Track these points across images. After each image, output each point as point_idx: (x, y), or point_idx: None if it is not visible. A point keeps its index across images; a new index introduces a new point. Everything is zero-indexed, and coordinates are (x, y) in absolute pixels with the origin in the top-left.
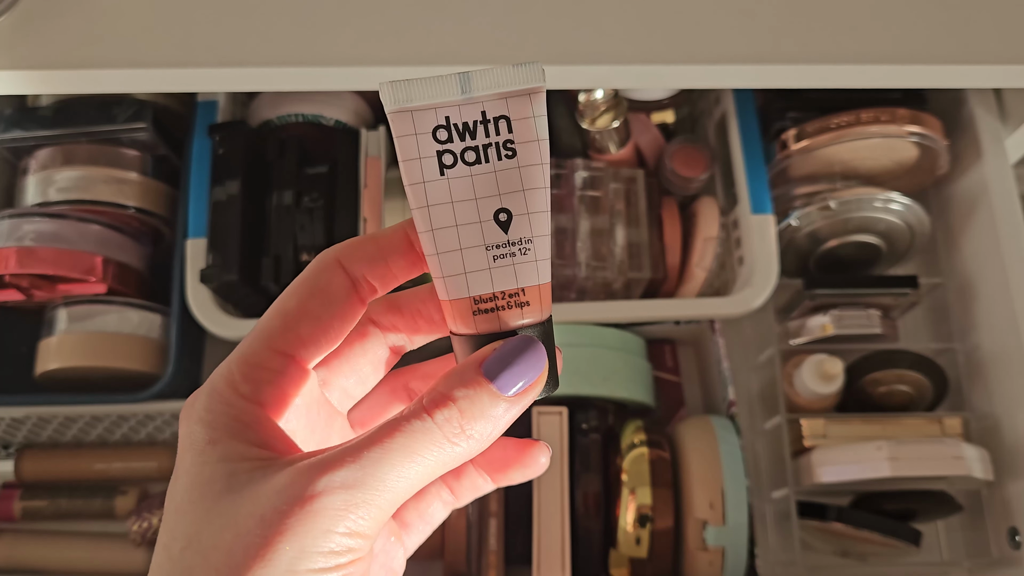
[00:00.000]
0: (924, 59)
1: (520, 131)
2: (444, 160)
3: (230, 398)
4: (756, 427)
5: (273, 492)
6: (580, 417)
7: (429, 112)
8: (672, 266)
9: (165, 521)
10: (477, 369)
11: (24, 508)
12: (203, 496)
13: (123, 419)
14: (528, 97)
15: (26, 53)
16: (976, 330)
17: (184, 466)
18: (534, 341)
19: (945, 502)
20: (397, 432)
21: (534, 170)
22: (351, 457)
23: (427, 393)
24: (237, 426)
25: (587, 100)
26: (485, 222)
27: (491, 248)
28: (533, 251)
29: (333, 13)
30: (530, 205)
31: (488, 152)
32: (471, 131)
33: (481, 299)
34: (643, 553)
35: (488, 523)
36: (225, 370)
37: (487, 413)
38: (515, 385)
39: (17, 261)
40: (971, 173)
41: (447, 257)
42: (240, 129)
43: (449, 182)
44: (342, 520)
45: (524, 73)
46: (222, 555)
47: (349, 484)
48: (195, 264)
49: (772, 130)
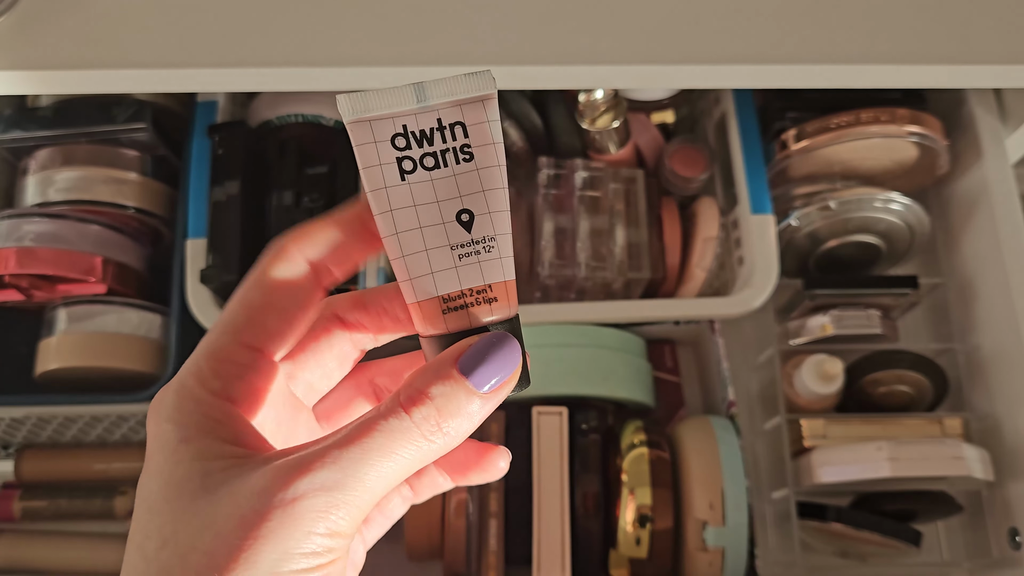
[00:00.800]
0: (924, 59)
1: (476, 135)
2: (404, 166)
3: (200, 395)
4: (756, 427)
5: (252, 493)
6: (580, 417)
7: (387, 121)
8: (672, 266)
9: (137, 520)
10: (453, 365)
11: (24, 508)
12: (178, 495)
13: (123, 419)
14: (481, 103)
15: (26, 53)
16: (976, 330)
17: (156, 465)
18: (508, 336)
19: (945, 502)
20: (374, 431)
21: (492, 171)
22: (330, 458)
23: (402, 390)
24: (209, 423)
25: (587, 100)
26: (448, 223)
27: (456, 247)
28: (497, 248)
29: (333, 13)
30: (491, 204)
31: (446, 157)
32: (428, 138)
33: (450, 297)
34: (643, 553)
35: (488, 523)
36: (193, 366)
37: (463, 410)
38: (490, 381)
39: (17, 261)
40: (971, 173)
41: (413, 259)
42: (240, 129)
43: (410, 187)
44: (322, 521)
45: (476, 81)
46: (202, 557)
47: (329, 486)
48: (195, 264)
49: (772, 130)
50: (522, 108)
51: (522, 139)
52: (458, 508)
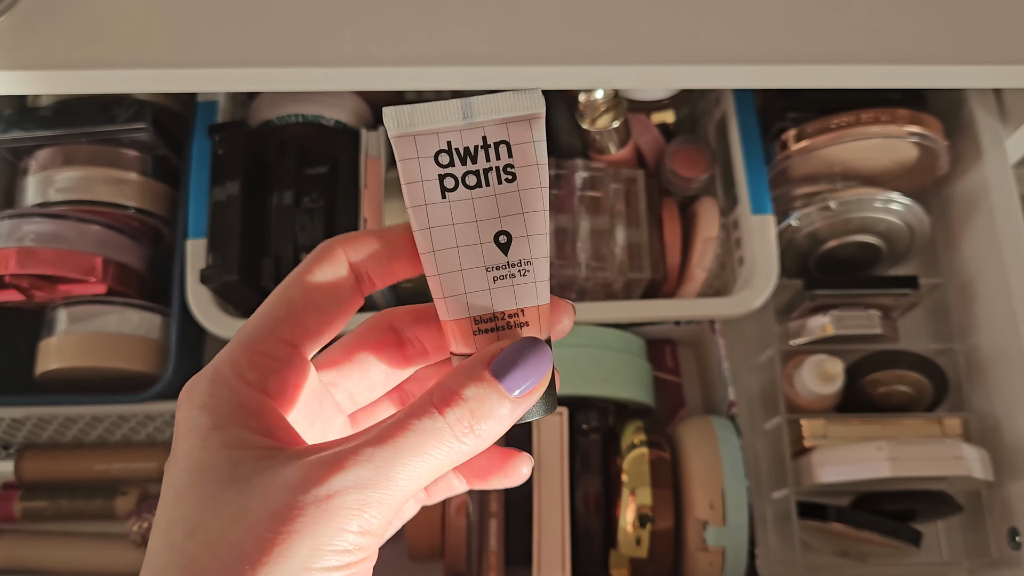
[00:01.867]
0: (924, 59)
1: (520, 156)
2: (446, 183)
3: (235, 384)
4: (756, 427)
5: (284, 487)
6: (580, 417)
7: (431, 136)
8: (672, 266)
9: (163, 506)
10: (486, 367)
11: (24, 509)
12: (206, 482)
13: (123, 419)
14: (528, 123)
15: (26, 53)
16: (976, 330)
17: (184, 450)
18: (539, 342)
19: (945, 502)
20: (408, 430)
21: (533, 193)
22: (364, 456)
23: (435, 390)
24: (241, 413)
25: (587, 100)
26: (485, 244)
27: (491, 269)
28: (532, 273)
29: (333, 13)
30: (529, 228)
31: (489, 176)
32: (472, 155)
33: (481, 319)
34: (643, 553)
35: (488, 523)
36: (229, 356)
37: (495, 412)
38: (522, 385)
39: (17, 261)
40: (971, 173)
41: (448, 278)
42: (240, 129)
43: (450, 205)
44: (355, 519)
45: (524, 99)
46: (231, 548)
47: (363, 484)
48: (195, 264)
49: (772, 130)
50: None
51: None
52: (459, 508)
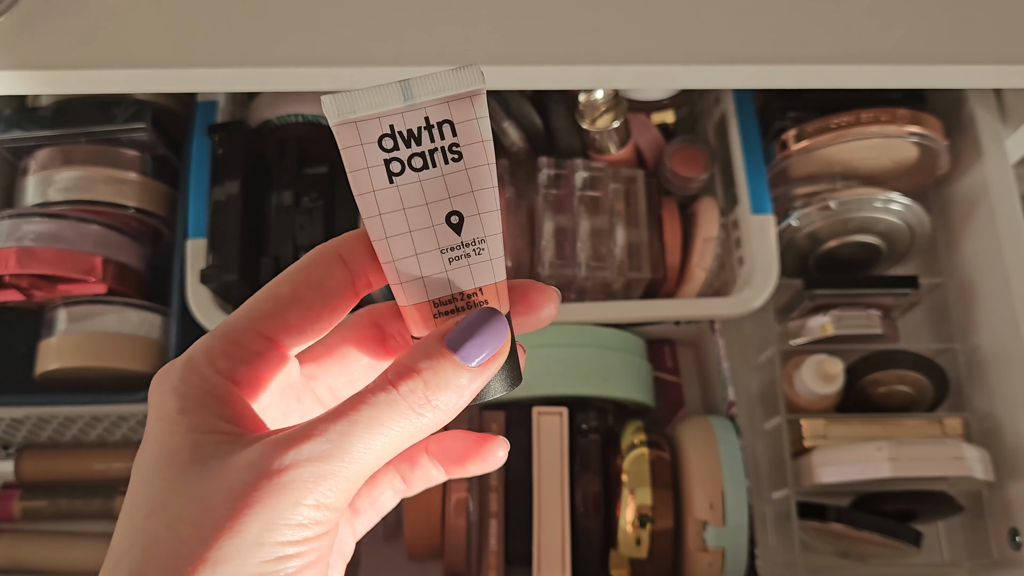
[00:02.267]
0: (924, 59)
1: (464, 134)
2: (392, 168)
3: (205, 371)
4: (756, 428)
5: (242, 466)
6: (580, 417)
7: (373, 122)
8: (672, 266)
9: (131, 489)
10: (440, 340)
11: (24, 508)
12: (169, 465)
13: (123, 419)
14: (470, 100)
15: (26, 53)
16: (976, 330)
17: (152, 434)
18: (495, 312)
19: (945, 503)
20: (362, 404)
21: (481, 171)
22: (318, 431)
23: (391, 367)
24: (208, 399)
25: (587, 100)
26: (438, 226)
27: (445, 251)
28: (487, 250)
29: (333, 13)
30: (480, 205)
31: (435, 156)
32: (416, 137)
33: (440, 301)
34: (643, 554)
35: (488, 523)
36: (205, 344)
37: (452, 383)
38: (478, 355)
39: (17, 261)
40: (971, 173)
41: (403, 263)
42: (240, 129)
43: (399, 189)
44: (310, 492)
45: (464, 76)
46: (188, 527)
47: (316, 457)
48: (195, 264)
49: (772, 130)
50: (522, 108)
51: (522, 139)
52: (458, 508)
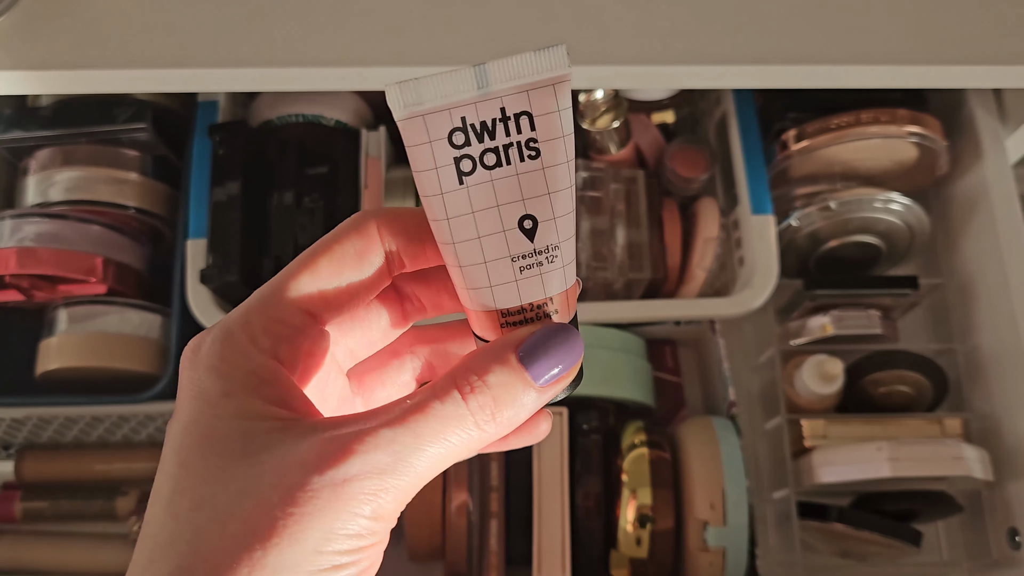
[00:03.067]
0: (924, 59)
1: (544, 128)
2: (462, 167)
3: (248, 349)
4: (756, 428)
5: (298, 464)
6: (580, 418)
7: (443, 114)
8: (672, 267)
9: (168, 474)
10: (513, 352)
11: (25, 509)
12: (216, 453)
13: (124, 420)
14: (552, 88)
15: (26, 53)
16: (976, 330)
17: (191, 415)
18: (570, 329)
19: (945, 503)
20: (428, 414)
21: (559, 170)
22: (383, 439)
23: (459, 372)
24: (255, 380)
25: (587, 100)
26: (509, 231)
27: (516, 259)
28: (560, 257)
29: (333, 13)
30: (556, 209)
31: (509, 153)
32: (490, 131)
33: (509, 312)
34: (644, 554)
35: (489, 524)
36: (242, 318)
37: (518, 401)
38: (549, 373)
39: (17, 262)
40: (971, 173)
41: (471, 271)
42: (240, 129)
43: (469, 191)
44: (370, 504)
45: (547, 60)
46: (241, 524)
47: (380, 469)
48: (195, 264)
49: (772, 130)
50: None
51: None
52: (459, 508)
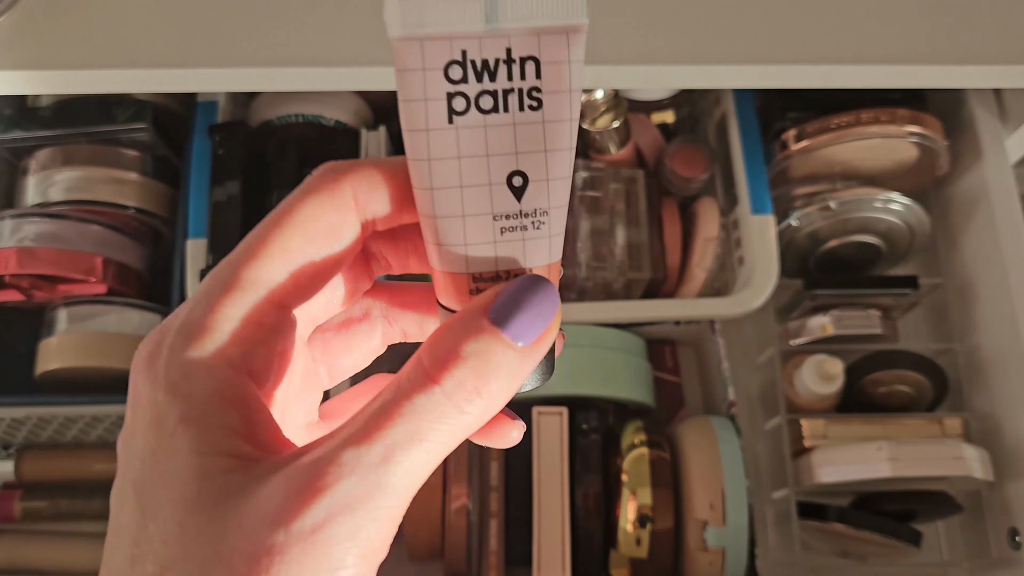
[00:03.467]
0: (924, 59)
1: (550, 78)
2: (455, 105)
3: (212, 362)
4: (756, 427)
5: (261, 520)
6: (580, 418)
7: (443, 43)
8: (672, 266)
9: (122, 517)
10: (483, 314)
11: (24, 509)
12: (172, 501)
13: (123, 420)
14: (565, 36)
15: (26, 53)
16: (976, 330)
17: (149, 445)
18: (538, 278)
19: (945, 503)
20: (398, 416)
21: (561, 127)
22: (348, 465)
23: (426, 353)
24: (217, 404)
25: (587, 100)
26: (496, 185)
27: (499, 218)
28: (547, 225)
29: (333, 13)
30: (551, 170)
31: (509, 100)
32: (491, 71)
33: (481, 277)
34: (643, 554)
35: (489, 524)
36: (207, 319)
37: (503, 367)
38: (529, 330)
39: (17, 261)
40: (971, 173)
41: (446, 224)
42: (240, 129)
43: (458, 132)
44: (349, 551)
45: (563, 5)
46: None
47: (351, 503)
48: (195, 264)
49: (772, 130)
50: None
51: None
52: (459, 508)
